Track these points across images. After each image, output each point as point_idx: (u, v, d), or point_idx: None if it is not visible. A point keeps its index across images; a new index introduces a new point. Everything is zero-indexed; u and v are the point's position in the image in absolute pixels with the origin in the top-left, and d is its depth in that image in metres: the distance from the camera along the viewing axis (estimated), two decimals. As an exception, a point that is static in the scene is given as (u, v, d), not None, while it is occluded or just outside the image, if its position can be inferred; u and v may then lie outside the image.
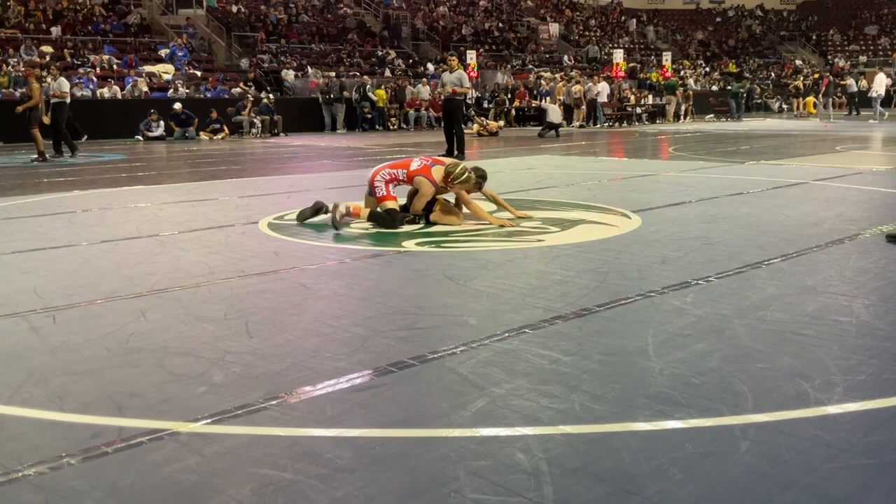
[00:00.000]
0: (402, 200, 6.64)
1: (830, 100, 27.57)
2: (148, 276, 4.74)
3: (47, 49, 21.90)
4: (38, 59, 20.41)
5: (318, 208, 6.61)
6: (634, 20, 44.42)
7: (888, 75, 33.87)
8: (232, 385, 2.95)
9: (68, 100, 14.76)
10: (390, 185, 6.40)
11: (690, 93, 29.01)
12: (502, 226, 6.24)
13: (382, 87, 25.06)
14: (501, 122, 23.71)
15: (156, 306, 4.07)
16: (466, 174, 6.36)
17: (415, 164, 6.43)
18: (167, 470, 2.30)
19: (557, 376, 2.99)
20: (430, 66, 29.01)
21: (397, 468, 2.30)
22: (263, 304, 4.10)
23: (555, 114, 20.69)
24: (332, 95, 23.31)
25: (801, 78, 35.65)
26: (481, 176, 6.62)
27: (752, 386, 2.86)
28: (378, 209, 6.37)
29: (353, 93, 23.84)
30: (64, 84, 14.71)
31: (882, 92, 24.57)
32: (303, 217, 6.62)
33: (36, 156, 13.81)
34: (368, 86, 24.19)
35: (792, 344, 3.34)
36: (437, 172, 6.38)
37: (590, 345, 3.36)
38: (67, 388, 2.96)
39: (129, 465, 2.32)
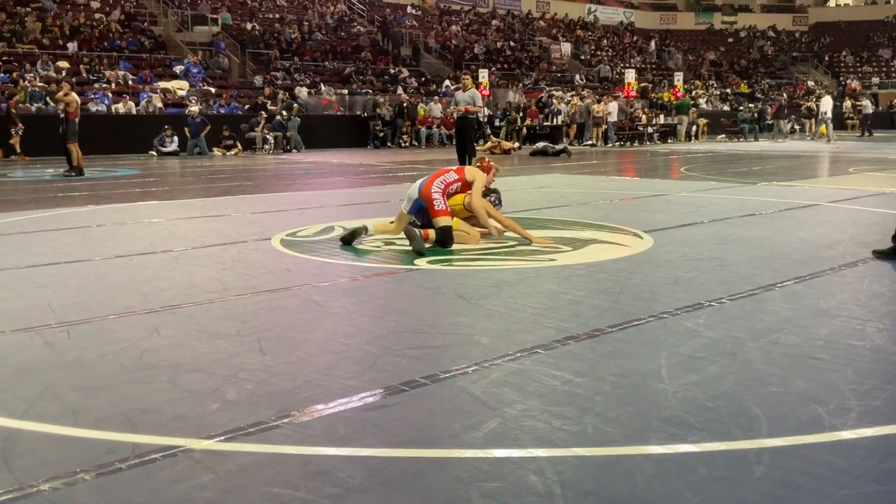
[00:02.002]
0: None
1: (783, 122, 28.85)
2: (161, 292, 4.76)
3: (64, 64, 22.11)
4: (54, 75, 20.60)
5: (357, 234, 6.41)
6: (653, 42, 44.52)
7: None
8: (245, 402, 2.96)
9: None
10: (446, 196, 6.35)
11: (700, 119, 29.16)
12: (545, 245, 6.25)
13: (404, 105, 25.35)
14: (517, 144, 23.75)
15: (169, 322, 4.09)
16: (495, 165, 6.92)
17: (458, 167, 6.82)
18: (180, 487, 2.30)
19: (570, 398, 2.99)
20: (448, 83, 28.93)
21: (410, 489, 2.30)
22: (276, 321, 4.12)
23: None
24: (366, 114, 24.28)
25: (814, 99, 35.66)
26: (496, 196, 6.82)
27: (766, 410, 2.85)
28: (434, 226, 6.20)
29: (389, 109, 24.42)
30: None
31: (829, 114, 25.74)
32: (345, 241, 6.39)
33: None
34: (405, 104, 24.61)
35: (806, 368, 3.32)
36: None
37: (602, 366, 3.35)
38: (81, 403, 2.97)
39: (143, 482, 2.33)
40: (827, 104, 25.90)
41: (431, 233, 6.17)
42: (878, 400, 2.95)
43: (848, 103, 35.74)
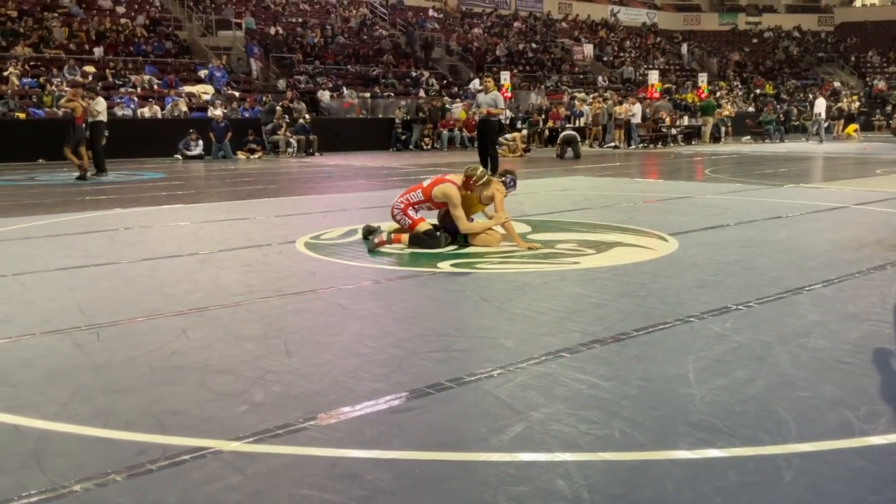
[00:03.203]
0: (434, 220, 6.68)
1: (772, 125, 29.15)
2: (189, 295, 4.81)
3: (90, 69, 22.37)
4: (80, 80, 20.85)
5: (371, 231, 6.59)
6: (685, 45, 44.19)
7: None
8: (272, 404, 2.98)
9: (104, 118, 15.05)
10: (409, 210, 6.43)
11: (728, 114, 29.06)
12: (531, 248, 6.20)
13: (425, 107, 25.39)
14: (523, 145, 23.58)
15: (197, 324, 4.13)
16: (486, 176, 6.54)
17: (427, 182, 6.56)
18: (210, 489, 2.32)
19: (596, 402, 2.98)
20: (476, 82, 28.63)
21: (437, 492, 2.31)
22: (302, 324, 4.14)
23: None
24: (409, 116, 24.47)
25: (845, 100, 35.35)
26: (511, 177, 6.75)
27: (794, 415, 2.82)
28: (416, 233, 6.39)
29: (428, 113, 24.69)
30: (100, 103, 15.02)
31: (823, 116, 26.68)
32: (365, 232, 6.73)
33: (95, 171, 14.19)
34: (449, 106, 24.90)
35: (835, 372, 3.29)
36: (455, 178, 6.52)
37: (628, 370, 3.34)
38: (112, 405, 3.01)
39: (173, 483, 2.36)
40: (820, 106, 26.80)
41: (404, 237, 6.36)
42: (909, 405, 2.92)
43: (855, 105, 35.35)
